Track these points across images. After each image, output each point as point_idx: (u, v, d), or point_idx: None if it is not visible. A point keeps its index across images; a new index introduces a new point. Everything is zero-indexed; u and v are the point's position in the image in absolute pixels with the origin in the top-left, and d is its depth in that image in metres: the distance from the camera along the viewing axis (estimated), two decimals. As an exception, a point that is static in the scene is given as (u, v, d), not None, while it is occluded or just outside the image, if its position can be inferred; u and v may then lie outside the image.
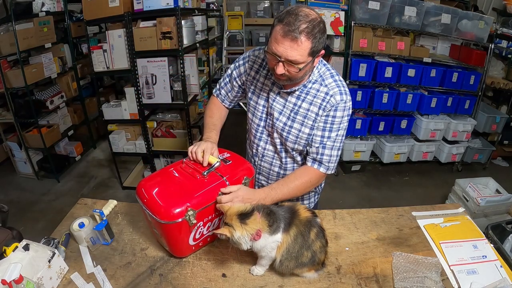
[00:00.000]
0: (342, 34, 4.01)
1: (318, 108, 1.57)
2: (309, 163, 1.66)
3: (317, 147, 1.61)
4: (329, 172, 1.65)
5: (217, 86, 1.93)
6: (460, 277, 1.43)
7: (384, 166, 4.80)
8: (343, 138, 1.64)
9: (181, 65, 3.49)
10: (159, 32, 3.30)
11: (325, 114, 1.57)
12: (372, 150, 4.66)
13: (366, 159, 4.64)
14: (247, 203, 1.38)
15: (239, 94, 1.88)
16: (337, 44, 4.13)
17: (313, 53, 1.38)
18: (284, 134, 1.66)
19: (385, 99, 4.24)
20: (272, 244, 1.30)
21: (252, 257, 1.45)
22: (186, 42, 3.61)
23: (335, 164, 1.65)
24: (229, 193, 1.43)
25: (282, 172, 1.82)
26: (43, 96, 4.32)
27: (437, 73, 4.21)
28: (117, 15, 3.30)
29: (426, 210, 1.83)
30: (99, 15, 3.35)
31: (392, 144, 4.50)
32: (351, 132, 4.41)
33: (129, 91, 3.68)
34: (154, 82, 3.56)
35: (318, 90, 1.57)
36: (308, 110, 1.59)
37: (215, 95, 1.94)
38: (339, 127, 1.59)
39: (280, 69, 1.41)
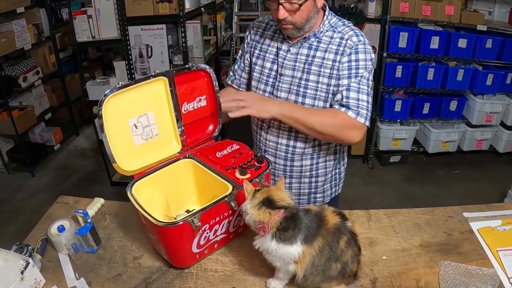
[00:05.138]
0: (378, -4, 3.97)
1: (334, 54, 1.70)
2: (336, 107, 1.72)
3: (341, 92, 1.69)
4: (360, 120, 1.67)
5: (230, 73, 2.07)
6: (522, 292, 1.41)
7: (429, 156, 4.77)
8: (370, 84, 1.72)
9: (183, 34, 3.50)
10: (155, -6, 3.30)
11: (346, 59, 1.68)
12: (415, 137, 4.66)
13: (407, 149, 4.63)
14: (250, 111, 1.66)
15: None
16: (372, 9, 4.08)
17: None
18: (301, 90, 1.76)
19: (430, 75, 4.22)
20: (284, 256, 1.29)
21: (268, 268, 1.45)
22: (188, 5, 3.60)
23: (367, 113, 1.69)
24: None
25: (291, 144, 1.87)
26: (15, 72, 4.36)
27: (494, 44, 4.16)
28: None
29: (480, 210, 1.81)
30: (82, -27, 3.35)
31: (439, 130, 4.48)
32: (389, 116, 4.39)
33: (119, 65, 3.71)
34: (149, 54, 3.56)
35: (331, 37, 1.72)
36: (323, 58, 1.71)
37: (229, 82, 2.07)
38: (364, 71, 1.70)
39: (282, 12, 1.57)
